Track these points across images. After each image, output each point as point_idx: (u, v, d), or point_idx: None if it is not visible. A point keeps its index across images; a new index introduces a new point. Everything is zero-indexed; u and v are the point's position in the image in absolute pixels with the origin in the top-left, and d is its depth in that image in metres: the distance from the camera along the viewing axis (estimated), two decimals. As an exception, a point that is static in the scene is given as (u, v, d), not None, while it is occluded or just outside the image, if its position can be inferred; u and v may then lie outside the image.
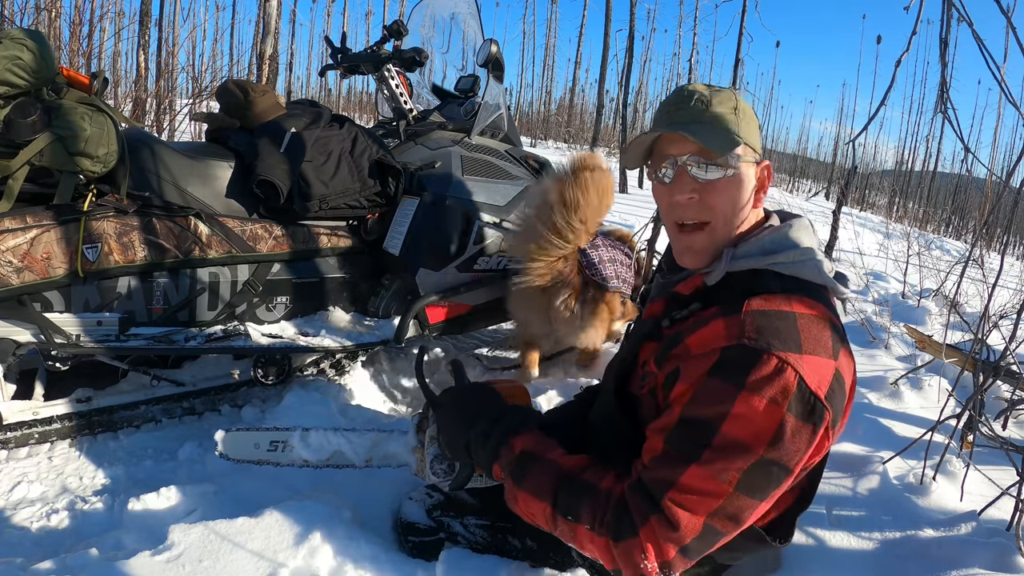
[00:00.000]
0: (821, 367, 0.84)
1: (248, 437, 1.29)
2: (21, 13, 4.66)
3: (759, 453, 0.81)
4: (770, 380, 0.81)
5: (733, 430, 0.81)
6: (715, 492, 0.82)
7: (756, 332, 0.83)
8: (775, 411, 0.81)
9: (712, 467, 0.82)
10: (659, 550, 0.83)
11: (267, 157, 1.84)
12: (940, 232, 12.85)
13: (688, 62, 15.56)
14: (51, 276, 1.57)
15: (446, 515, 1.20)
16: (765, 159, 0.98)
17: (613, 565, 0.87)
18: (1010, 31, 1.17)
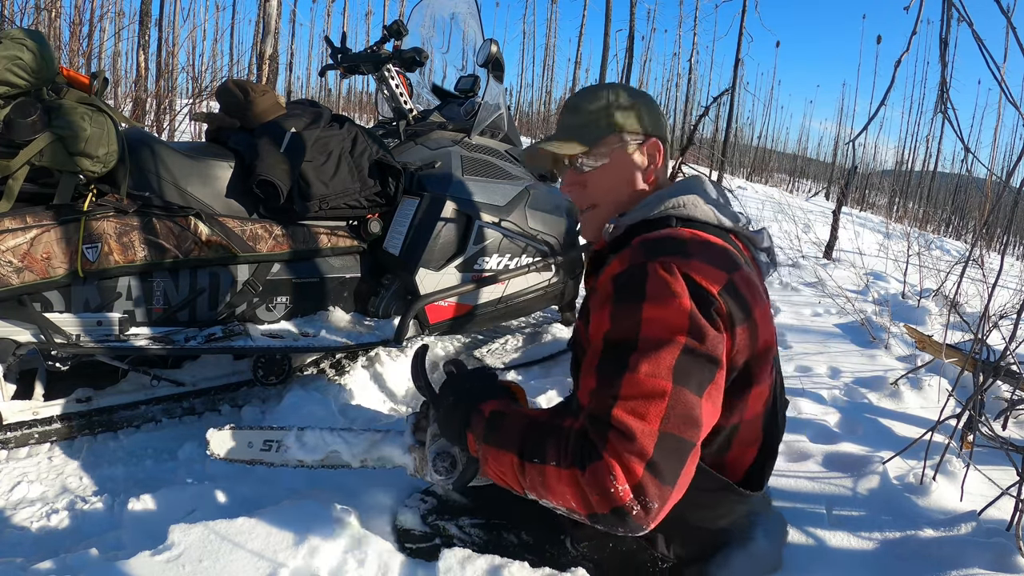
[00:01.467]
0: (709, 270, 0.90)
1: (241, 436, 1.26)
2: (21, 13, 4.66)
3: (681, 343, 0.85)
4: (664, 282, 0.88)
5: (650, 331, 0.86)
6: (657, 392, 0.83)
7: (643, 252, 0.92)
8: (680, 304, 0.87)
9: (644, 369, 0.84)
10: (625, 468, 0.81)
11: (267, 157, 1.84)
12: (940, 232, 12.86)
13: (688, 62, 15.60)
14: (51, 276, 1.57)
15: (441, 519, 1.21)
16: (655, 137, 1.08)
17: (586, 503, 0.83)
18: (1010, 31, 1.17)
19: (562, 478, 0.85)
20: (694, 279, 0.88)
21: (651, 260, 0.90)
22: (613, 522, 0.83)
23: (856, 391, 2.09)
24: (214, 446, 1.25)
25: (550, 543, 1.16)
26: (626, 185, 1.08)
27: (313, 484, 1.48)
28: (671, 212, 1.01)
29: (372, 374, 2.15)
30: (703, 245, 0.94)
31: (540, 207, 2.33)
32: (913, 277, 3.90)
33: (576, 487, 0.84)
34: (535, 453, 0.89)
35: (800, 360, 2.37)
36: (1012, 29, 1.15)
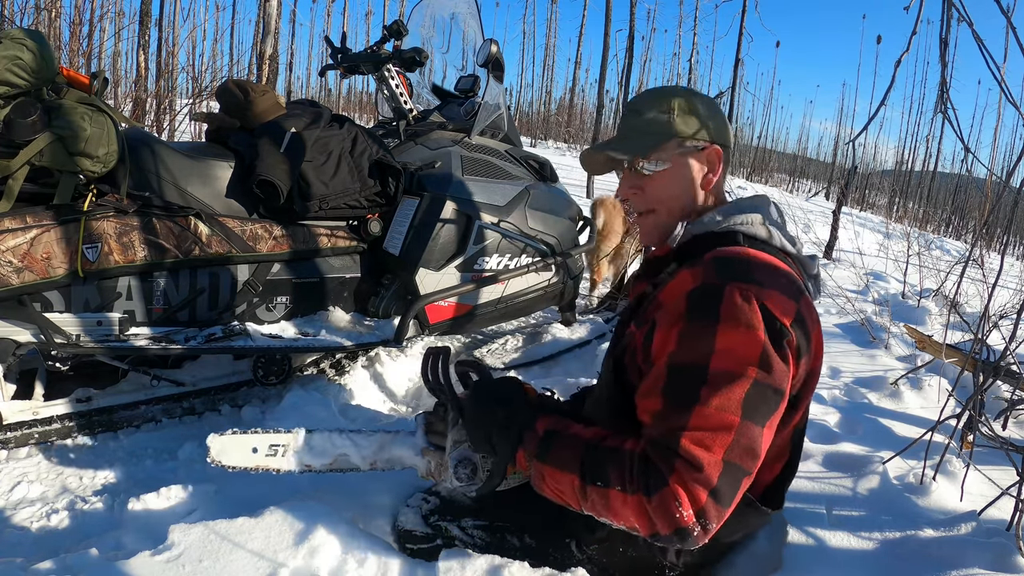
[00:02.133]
0: (782, 300, 0.90)
1: (244, 441, 1.18)
2: (21, 13, 4.66)
3: (752, 377, 0.86)
4: (740, 309, 0.87)
5: (722, 364, 0.87)
6: (725, 425, 0.85)
7: (716, 272, 0.91)
8: (754, 336, 0.87)
9: (714, 403, 0.86)
10: (691, 495, 0.84)
11: (267, 157, 1.84)
12: (940, 232, 12.85)
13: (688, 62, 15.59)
14: (51, 276, 1.57)
15: (443, 519, 1.20)
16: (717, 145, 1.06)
17: (650, 525, 0.87)
18: (1010, 31, 1.17)
19: (628, 503, 0.88)
20: (770, 309, 0.88)
21: (728, 283, 0.89)
22: (674, 541, 0.87)
23: (856, 391, 2.09)
24: (215, 453, 1.17)
25: (554, 547, 1.15)
26: (684, 192, 1.07)
27: (314, 484, 1.48)
28: (738, 228, 1.00)
29: (372, 374, 2.15)
30: (775, 272, 0.93)
31: (540, 207, 2.33)
32: (913, 277, 3.90)
33: (642, 511, 0.87)
34: (598, 476, 0.91)
35: (800, 360, 2.37)
36: (1012, 29, 1.15)
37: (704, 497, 0.85)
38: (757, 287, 0.89)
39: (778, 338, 0.88)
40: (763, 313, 0.87)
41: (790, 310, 0.90)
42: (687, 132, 1.05)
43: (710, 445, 0.85)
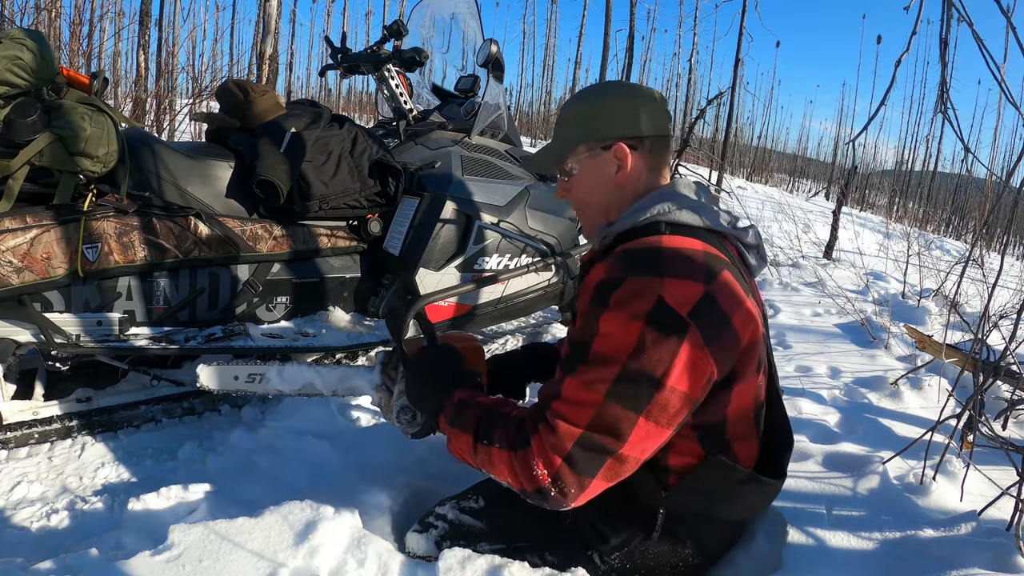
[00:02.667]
0: (684, 288, 0.93)
1: (228, 370, 1.34)
2: (21, 13, 4.66)
3: (621, 363, 0.92)
4: (629, 299, 0.93)
5: (600, 345, 0.94)
6: (588, 401, 0.92)
7: (621, 266, 0.97)
8: (633, 325, 0.92)
9: (584, 378, 0.94)
10: (546, 458, 0.93)
11: (267, 157, 1.84)
12: (940, 232, 12.86)
13: (688, 62, 15.61)
14: (51, 276, 1.57)
15: (456, 545, 1.16)
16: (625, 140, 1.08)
17: (518, 481, 0.96)
18: (1010, 31, 1.17)
19: (502, 458, 0.98)
20: (665, 301, 0.92)
21: (628, 276, 0.95)
22: (536, 499, 0.97)
23: (856, 391, 2.09)
24: (204, 379, 1.33)
25: (577, 563, 1.13)
26: (601, 190, 1.11)
27: (313, 484, 1.48)
28: (659, 218, 1.03)
29: (372, 374, 2.15)
30: (682, 259, 0.96)
31: (540, 207, 2.33)
32: (913, 277, 3.90)
33: (510, 467, 0.97)
34: (485, 436, 1.01)
35: (800, 360, 2.37)
36: (1012, 29, 1.15)
37: (558, 462, 0.92)
38: (656, 279, 0.93)
39: (669, 329, 0.91)
40: (656, 305, 0.92)
41: (692, 297, 0.93)
42: (592, 135, 1.10)
43: (570, 415, 0.93)
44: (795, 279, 3.91)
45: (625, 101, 1.09)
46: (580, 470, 0.93)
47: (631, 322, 0.92)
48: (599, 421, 0.92)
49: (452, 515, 1.21)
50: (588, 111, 1.11)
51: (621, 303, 0.93)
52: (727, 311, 0.96)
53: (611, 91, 1.14)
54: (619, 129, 1.08)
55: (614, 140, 1.08)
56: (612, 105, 1.10)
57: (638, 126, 1.08)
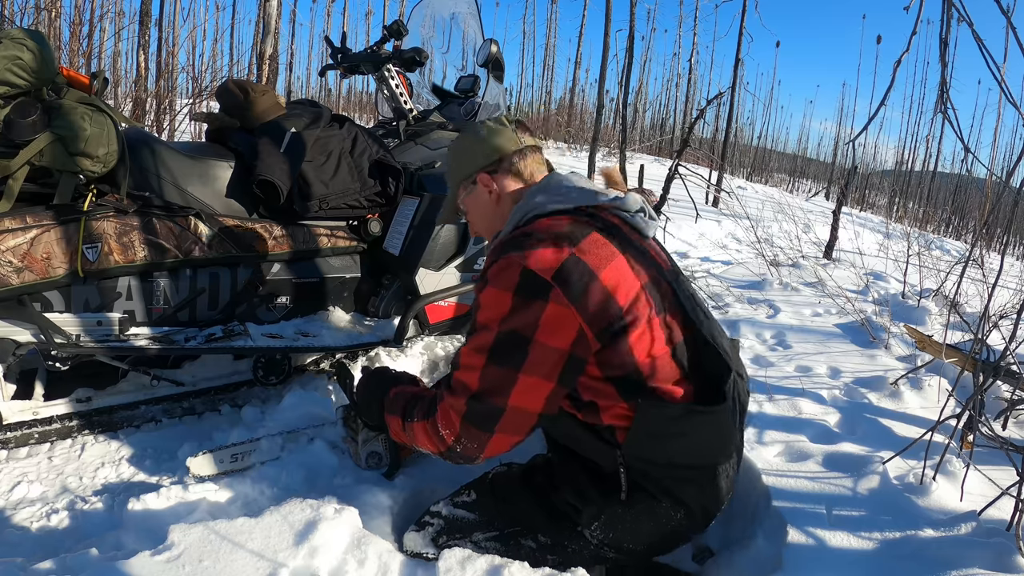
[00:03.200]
0: (547, 256, 1.05)
1: (214, 456, 1.49)
2: (21, 13, 4.66)
3: (495, 329, 1.06)
4: (499, 274, 1.07)
5: (481, 316, 1.10)
6: (474, 365, 1.08)
7: (498, 250, 1.12)
8: (503, 295, 1.06)
9: (471, 344, 1.10)
10: (447, 419, 1.10)
11: (267, 157, 1.84)
12: (940, 232, 12.86)
13: (688, 62, 15.60)
14: (51, 276, 1.57)
15: (453, 539, 1.20)
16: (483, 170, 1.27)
17: (433, 444, 1.13)
18: (1010, 31, 1.17)
19: (421, 428, 1.15)
20: (530, 269, 1.04)
21: (501, 256, 1.09)
22: (449, 457, 1.13)
23: (856, 391, 2.08)
24: (195, 470, 1.46)
25: (569, 539, 1.17)
26: (486, 217, 1.30)
27: (313, 484, 1.48)
28: (531, 214, 1.18)
29: (372, 374, 2.15)
30: (546, 233, 1.09)
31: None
32: (913, 277, 3.90)
33: (427, 433, 1.14)
34: (410, 414, 1.19)
35: (800, 360, 2.37)
36: (1012, 29, 1.15)
37: (457, 422, 1.08)
38: (520, 253, 1.06)
39: (533, 293, 1.04)
40: (522, 275, 1.05)
41: (556, 261, 1.05)
42: (460, 176, 1.31)
43: (464, 378, 1.09)
44: (795, 279, 3.91)
45: (471, 138, 1.29)
46: (478, 426, 1.07)
47: (502, 293, 1.06)
48: (485, 381, 1.06)
49: (446, 511, 1.25)
50: (451, 158, 1.34)
51: (494, 277, 1.08)
52: (594, 269, 1.06)
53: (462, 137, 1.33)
54: (475, 162, 1.28)
55: (475, 172, 1.28)
56: (463, 145, 1.31)
57: (490, 152, 1.26)
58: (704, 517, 1.18)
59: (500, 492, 1.25)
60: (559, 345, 1.05)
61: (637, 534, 1.16)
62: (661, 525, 1.15)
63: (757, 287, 3.61)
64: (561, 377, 1.07)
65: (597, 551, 1.17)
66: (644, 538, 1.17)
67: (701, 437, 1.13)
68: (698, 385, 1.15)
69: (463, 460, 1.12)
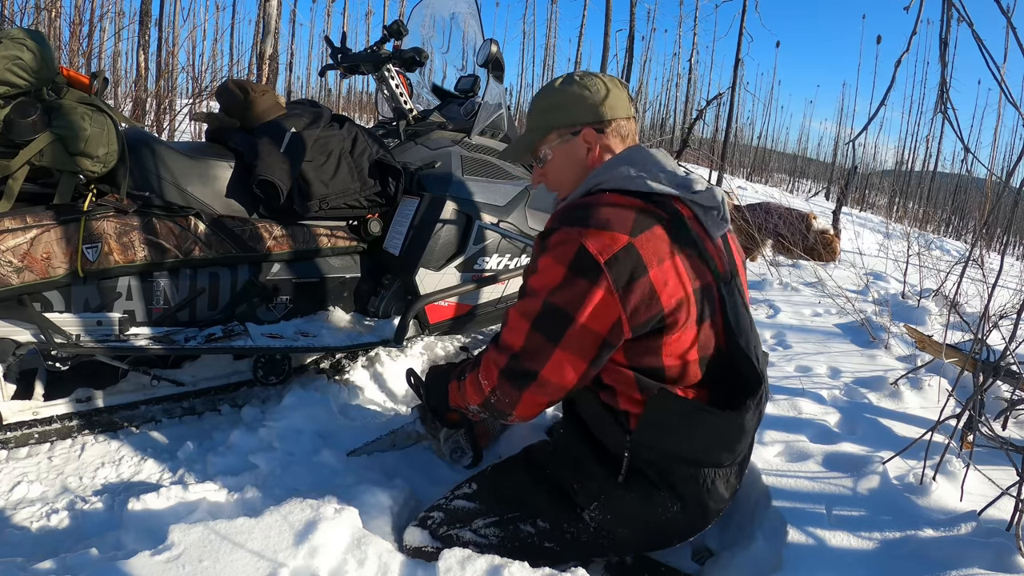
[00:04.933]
0: (607, 239, 1.05)
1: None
2: (21, 13, 4.66)
3: (543, 296, 1.08)
4: (558, 245, 1.07)
5: (533, 281, 1.11)
6: (520, 327, 1.10)
7: (558, 218, 1.12)
8: (557, 267, 1.06)
9: (520, 307, 1.12)
10: (488, 371, 1.14)
11: (267, 157, 1.84)
12: (940, 232, 12.86)
13: (688, 62, 15.62)
14: (51, 276, 1.57)
15: (452, 528, 1.21)
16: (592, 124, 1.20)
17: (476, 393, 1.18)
18: (1010, 31, 1.17)
19: (470, 381, 1.20)
20: (587, 248, 1.04)
21: (560, 226, 1.08)
22: (487, 408, 1.17)
23: (856, 391, 2.08)
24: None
25: (568, 522, 1.18)
26: (573, 172, 1.23)
27: (313, 484, 1.48)
28: (602, 185, 1.16)
29: (372, 374, 2.15)
30: (610, 213, 1.07)
31: (540, 207, 2.33)
32: (913, 277, 3.90)
33: (472, 384, 1.19)
34: (460, 375, 1.26)
35: (800, 360, 2.37)
36: (1012, 29, 1.15)
37: (495, 373, 1.13)
38: (581, 230, 1.05)
39: (582, 272, 1.04)
40: (577, 252, 1.04)
41: (611, 247, 1.04)
42: (560, 123, 1.22)
43: (507, 337, 1.12)
44: (795, 279, 3.91)
45: (589, 89, 1.20)
46: (512, 384, 1.11)
47: (556, 264, 1.06)
48: (526, 346, 1.09)
49: (446, 504, 1.27)
50: (556, 101, 1.22)
51: (552, 247, 1.08)
52: (647, 263, 1.05)
53: (575, 81, 1.22)
54: (586, 115, 1.20)
55: (582, 126, 1.20)
56: (577, 94, 1.20)
57: (602, 111, 1.19)
58: (700, 516, 1.18)
59: (499, 475, 1.29)
60: (598, 329, 1.06)
61: (633, 521, 1.17)
62: (657, 515, 1.16)
63: (757, 287, 3.61)
64: (594, 359, 1.08)
65: (595, 537, 1.17)
66: (639, 527, 1.17)
67: (708, 436, 1.13)
68: (719, 391, 1.15)
69: (498, 414, 1.16)
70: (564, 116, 1.21)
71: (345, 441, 1.69)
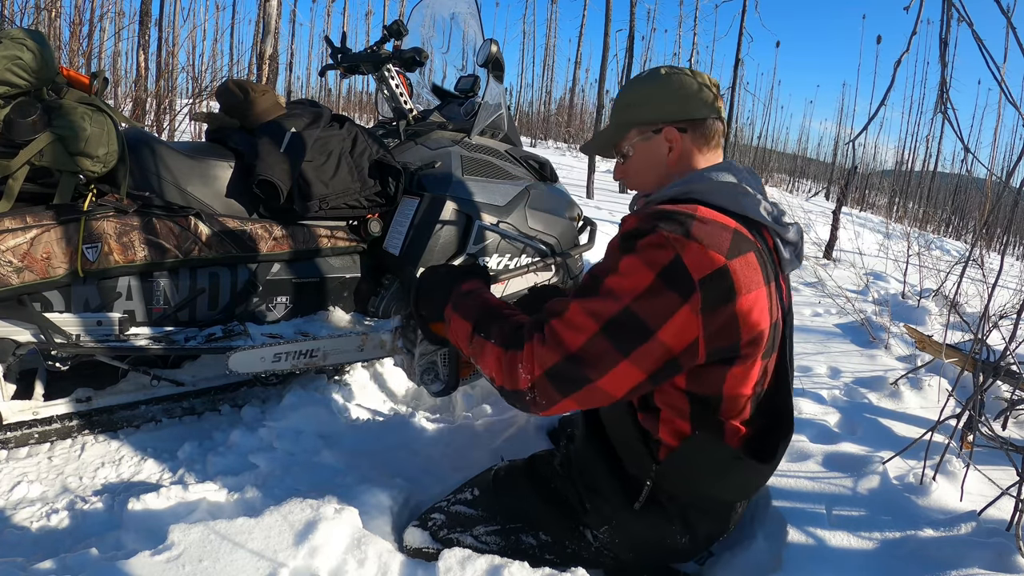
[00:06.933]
0: (704, 255, 0.96)
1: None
2: (21, 13, 4.66)
3: (624, 302, 0.96)
4: (651, 247, 0.97)
5: (611, 282, 0.99)
6: (584, 327, 0.97)
7: (653, 216, 1.00)
8: (645, 272, 0.96)
9: (588, 306, 0.98)
10: (530, 364, 1.00)
11: (267, 157, 1.84)
12: (940, 232, 12.85)
13: (688, 62, 15.61)
14: (51, 276, 1.57)
15: (453, 532, 1.21)
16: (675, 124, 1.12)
17: (500, 377, 1.04)
18: (1010, 31, 1.17)
19: (493, 353, 1.05)
20: (682, 261, 0.95)
21: (657, 227, 0.97)
22: (511, 399, 1.04)
23: (856, 391, 2.09)
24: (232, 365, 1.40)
25: (570, 539, 1.17)
26: (653, 170, 1.17)
27: (313, 484, 1.48)
28: (694, 194, 1.07)
29: (372, 374, 2.15)
30: (711, 229, 0.99)
31: (540, 207, 2.33)
32: (913, 277, 3.90)
33: (498, 362, 1.04)
34: (483, 329, 1.08)
35: (800, 360, 2.37)
36: (1012, 29, 1.15)
37: (539, 371, 0.99)
38: (681, 238, 0.96)
39: (673, 285, 0.95)
40: (672, 262, 0.95)
41: (707, 266, 0.95)
42: (642, 120, 1.15)
43: (564, 335, 0.98)
44: (795, 279, 3.91)
45: (673, 85, 1.13)
46: (556, 387, 0.99)
47: (646, 269, 0.96)
48: (587, 349, 0.97)
49: (448, 507, 1.25)
50: (639, 97, 1.16)
51: (643, 249, 0.97)
52: (737, 290, 0.98)
53: (660, 76, 1.16)
54: (668, 113, 1.13)
55: (663, 124, 1.13)
56: (661, 91, 1.14)
57: (686, 110, 1.12)
58: (705, 544, 1.19)
59: (502, 485, 1.25)
60: (673, 347, 0.98)
61: (640, 546, 1.16)
62: (664, 544, 1.15)
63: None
64: (655, 375, 1.00)
65: (596, 555, 1.17)
66: (645, 551, 1.17)
67: (738, 483, 1.13)
68: (756, 430, 1.13)
69: (520, 405, 1.05)
70: (645, 113, 1.15)
71: (345, 441, 1.69)
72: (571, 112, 18.01)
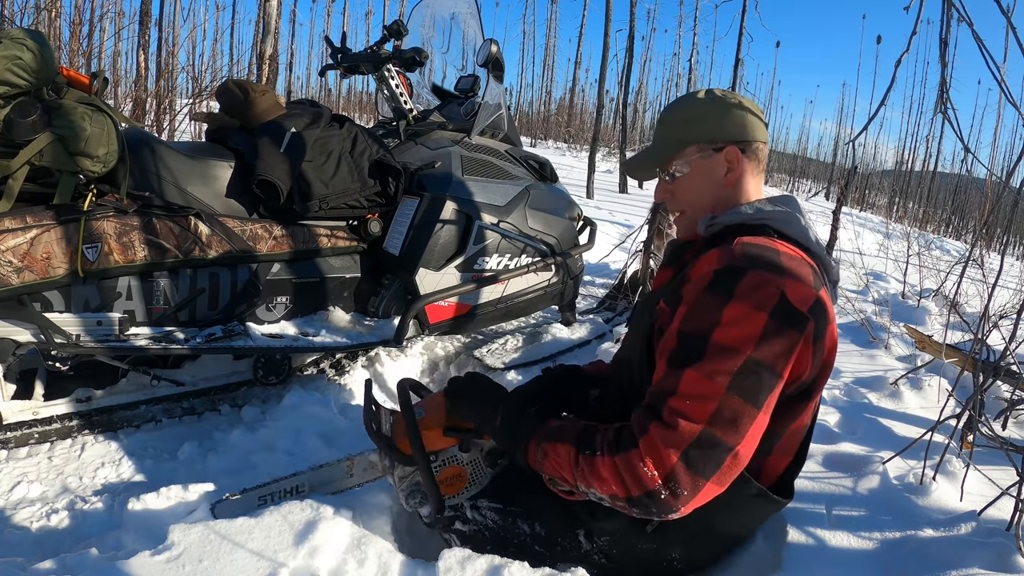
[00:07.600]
0: (802, 288, 0.94)
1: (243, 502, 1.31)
2: (21, 13, 4.66)
3: (746, 353, 0.90)
4: (754, 290, 0.92)
5: (722, 336, 0.91)
6: (709, 394, 0.89)
7: (744, 256, 0.96)
8: (758, 316, 0.91)
9: (704, 370, 0.90)
10: (658, 457, 0.89)
11: (267, 157, 1.84)
12: (940, 232, 12.85)
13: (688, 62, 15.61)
14: (51, 276, 1.57)
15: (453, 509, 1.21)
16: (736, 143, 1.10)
17: (623, 487, 0.92)
18: (1010, 31, 1.17)
19: (605, 464, 0.93)
20: (787, 296, 0.92)
21: (752, 267, 0.94)
22: (644, 505, 0.91)
23: (856, 391, 2.08)
24: None
25: (563, 536, 1.17)
26: (709, 192, 1.12)
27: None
28: (767, 221, 1.05)
29: (372, 374, 2.15)
30: (798, 267, 0.97)
31: (540, 207, 2.33)
32: (913, 277, 3.90)
33: (614, 472, 0.92)
34: (587, 446, 0.97)
35: (800, 360, 2.37)
36: (1012, 29, 1.15)
37: (674, 459, 0.88)
38: (779, 276, 0.93)
39: (789, 321, 0.91)
40: (780, 299, 0.91)
41: (809, 298, 0.94)
42: (703, 137, 1.11)
43: (690, 411, 0.89)
44: (795, 279, 3.91)
45: (734, 106, 1.12)
46: (697, 469, 0.89)
47: (756, 312, 0.91)
48: (720, 415, 0.89)
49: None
50: (699, 113, 1.12)
51: (746, 293, 0.92)
52: (829, 319, 0.99)
53: (719, 96, 1.14)
54: (731, 132, 1.11)
55: (724, 143, 1.10)
56: (722, 110, 1.12)
57: (747, 131, 1.11)
58: (697, 569, 1.20)
59: (513, 471, 1.23)
60: (788, 377, 0.95)
61: (637, 564, 1.15)
62: (662, 566, 1.16)
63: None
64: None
65: (584, 556, 1.16)
66: (638, 568, 1.16)
67: (753, 515, 1.13)
68: (787, 467, 1.13)
69: (656, 510, 0.91)
70: (707, 129, 1.11)
71: (345, 441, 1.69)
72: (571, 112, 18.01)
